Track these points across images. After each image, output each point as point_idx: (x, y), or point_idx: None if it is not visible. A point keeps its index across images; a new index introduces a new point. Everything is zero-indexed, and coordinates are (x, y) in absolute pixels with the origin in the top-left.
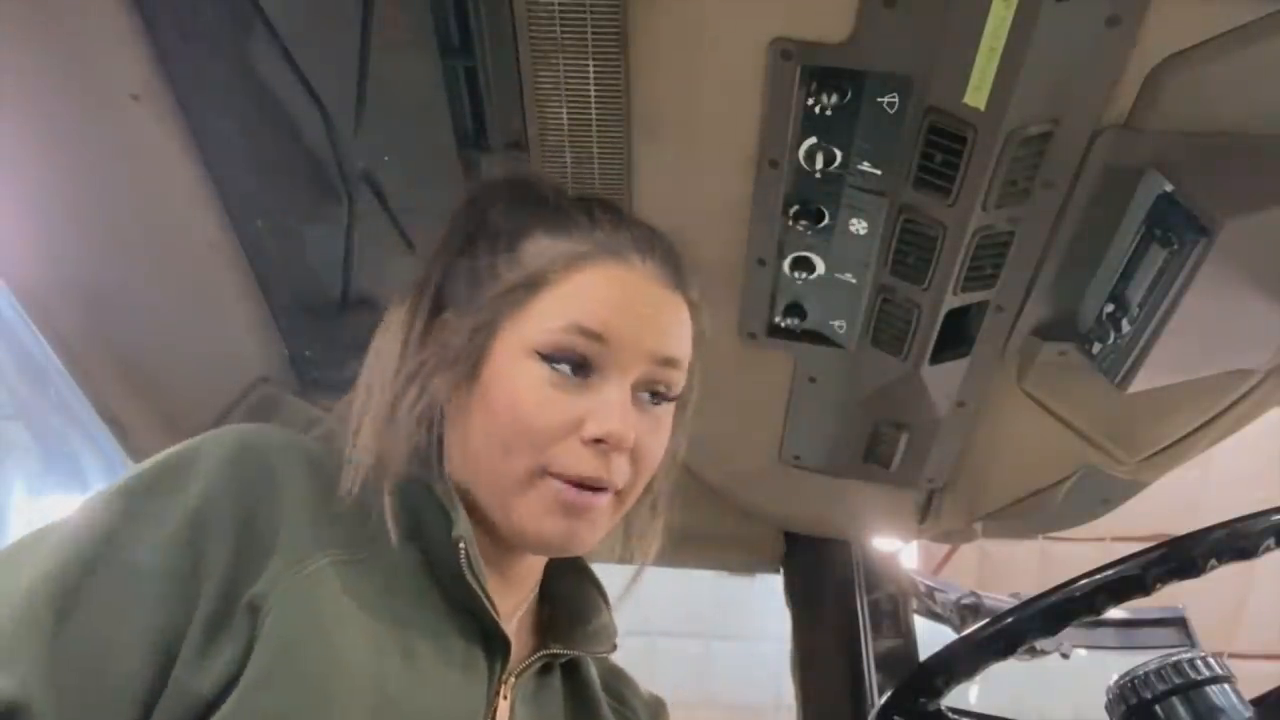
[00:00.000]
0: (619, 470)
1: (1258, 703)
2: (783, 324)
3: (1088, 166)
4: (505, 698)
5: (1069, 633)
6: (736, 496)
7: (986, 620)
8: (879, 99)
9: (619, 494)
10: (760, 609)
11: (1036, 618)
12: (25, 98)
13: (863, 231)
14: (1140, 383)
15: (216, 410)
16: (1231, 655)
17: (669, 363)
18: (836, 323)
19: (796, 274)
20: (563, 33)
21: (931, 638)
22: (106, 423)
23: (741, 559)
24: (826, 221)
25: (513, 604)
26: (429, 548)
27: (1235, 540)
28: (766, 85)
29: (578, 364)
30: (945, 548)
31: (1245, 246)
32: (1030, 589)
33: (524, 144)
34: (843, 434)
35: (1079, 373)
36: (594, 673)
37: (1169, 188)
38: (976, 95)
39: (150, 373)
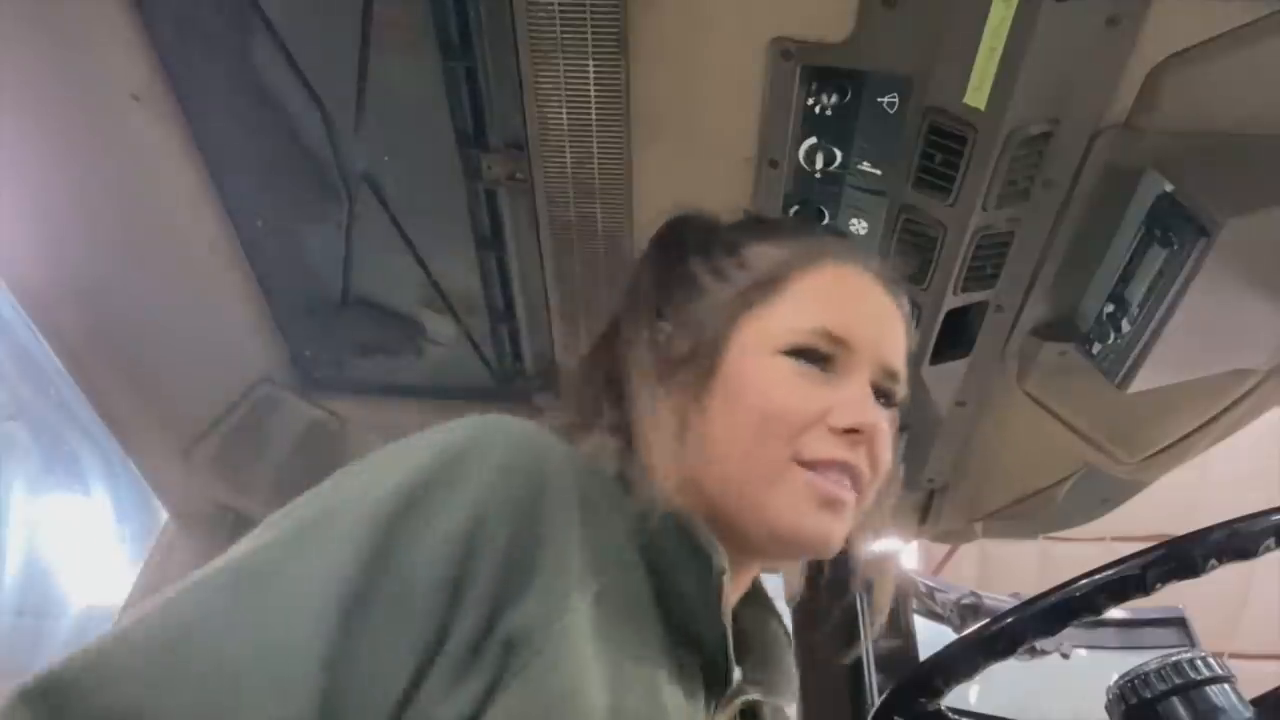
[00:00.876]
0: (863, 460)
1: (1258, 703)
2: None
3: (1088, 166)
4: None
5: (1069, 633)
6: None
7: (986, 620)
8: (879, 99)
9: (858, 491)
10: None
11: (1036, 618)
12: (25, 98)
13: (863, 231)
14: (1140, 383)
15: (216, 410)
16: (1231, 655)
17: (895, 374)
18: None
19: None
20: (563, 33)
21: (931, 638)
22: (106, 423)
23: None
24: (826, 221)
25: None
26: (672, 574)
27: (1235, 540)
28: (766, 85)
29: (823, 361)
30: (945, 548)
31: (1245, 246)
32: (1030, 589)
33: (524, 144)
34: None
35: (1079, 373)
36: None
37: (1169, 188)
38: (976, 95)
39: (150, 373)
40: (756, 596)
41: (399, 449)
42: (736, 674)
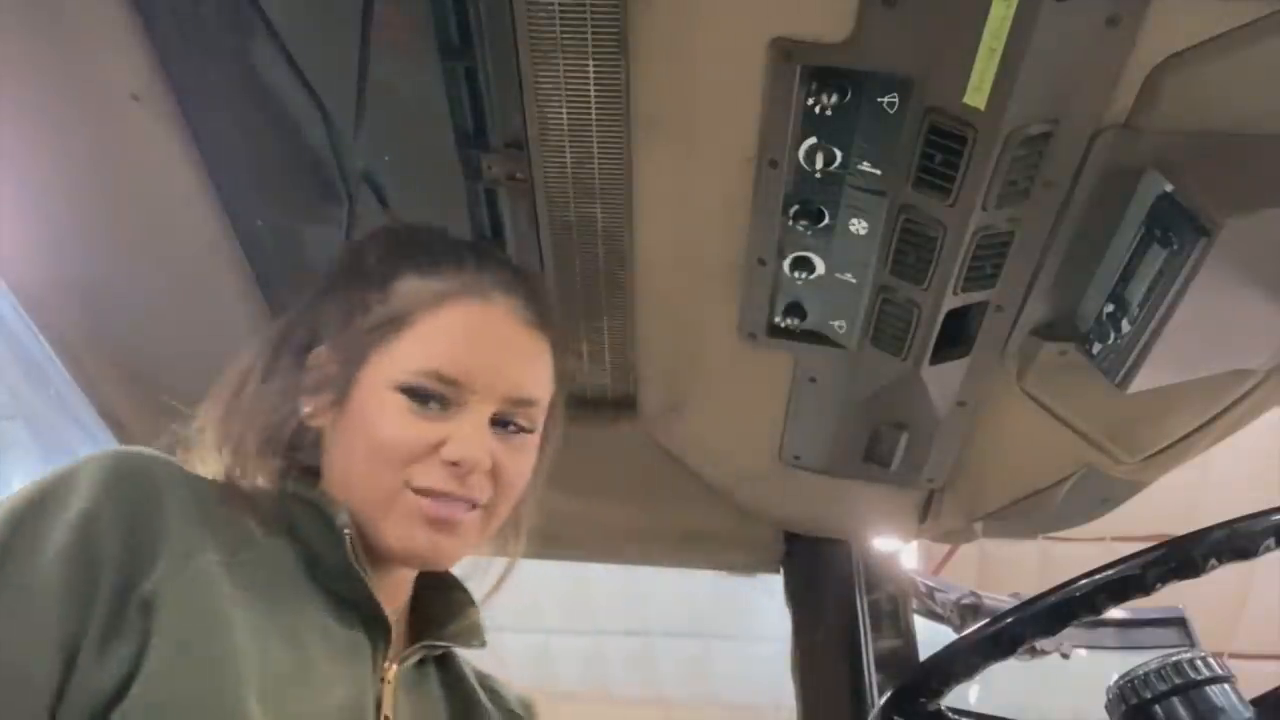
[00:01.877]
0: (479, 487)
1: (1258, 703)
2: (783, 324)
3: (1088, 166)
4: (389, 682)
5: (1069, 633)
6: (736, 496)
7: (986, 620)
8: (879, 99)
9: (486, 510)
10: (760, 609)
11: (1036, 618)
12: (25, 98)
13: (863, 231)
14: (1140, 383)
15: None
16: (1231, 655)
17: (524, 403)
18: (836, 323)
19: (796, 274)
20: (563, 33)
21: (931, 638)
22: (106, 423)
23: (741, 559)
24: (826, 221)
25: (388, 610)
26: (311, 544)
27: (1235, 540)
28: (766, 85)
29: (438, 399)
30: (945, 548)
31: (1245, 246)
32: (1030, 589)
33: (524, 144)
34: (843, 434)
35: (1079, 373)
36: (468, 670)
37: (1169, 188)
38: (976, 95)
39: (150, 373)
40: (445, 580)
41: (18, 490)
42: (399, 633)
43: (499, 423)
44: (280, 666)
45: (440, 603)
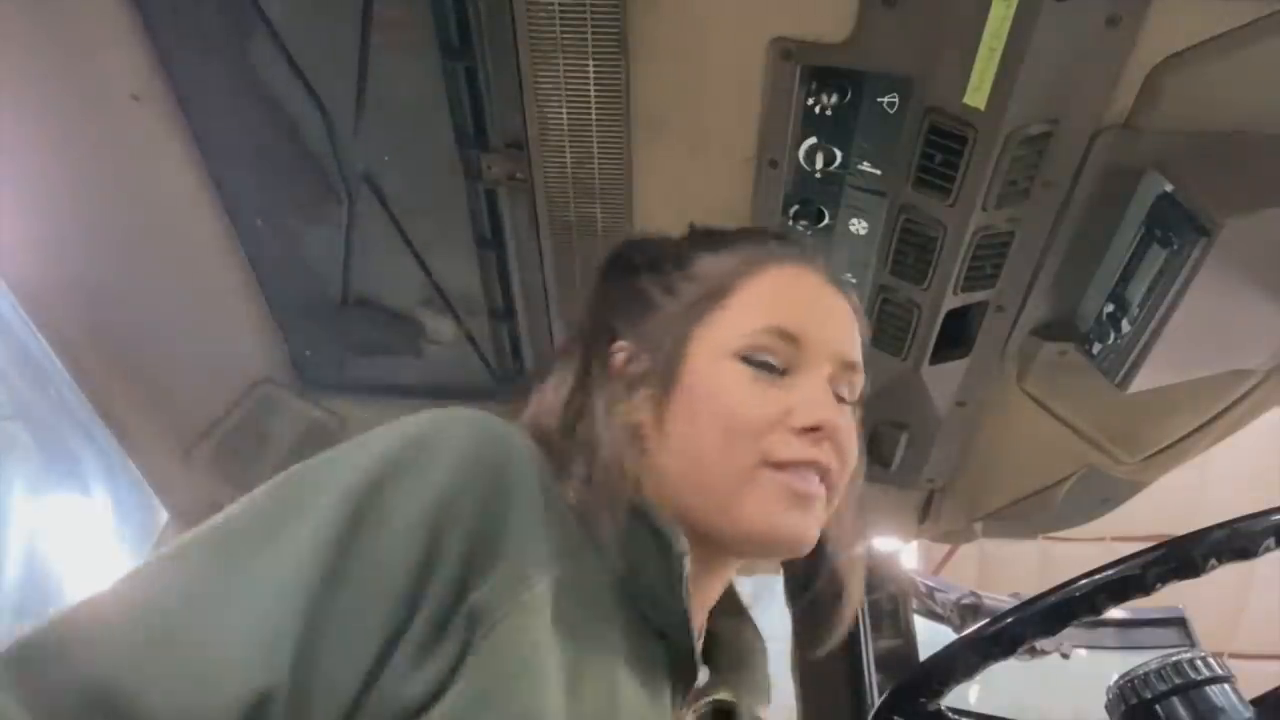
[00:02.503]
0: (830, 456)
1: (1257, 703)
2: None
3: (1088, 166)
4: None
5: (1069, 633)
6: None
7: (986, 620)
8: (879, 99)
9: (829, 487)
10: (760, 609)
11: (1036, 618)
12: (25, 98)
13: (863, 231)
14: (1140, 383)
15: (216, 410)
16: (1231, 655)
17: (852, 367)
18: None
19: None
20: (563, 33)
21: (931, 638)
22: (106, 423)
23: None
24: (826, 221)
25: (696, 631)
26: (636, 567)
27: (1235, 540)
28: (766, 85)
29: (777, 363)
30: (945, 548)
31: (1245, 246)
32: (1030, 589)
33: (524, 144)
34: None
35: (1079, 373)
36: None
37: (1169, 188)
38: (976, 95)
39: (150, 373)
40: (731, 604)
41: (368, 437)
42: (704, 672)
43: (833, 394)
44: (590, 711)
45: (733, 637)
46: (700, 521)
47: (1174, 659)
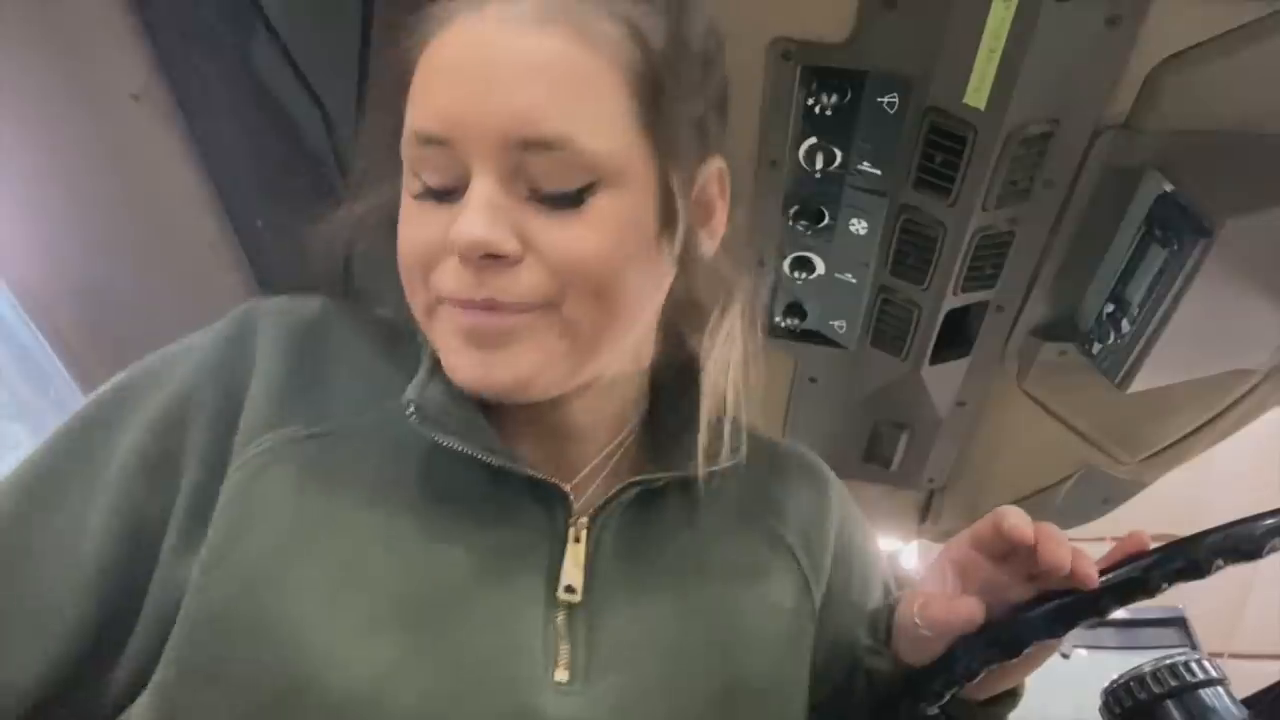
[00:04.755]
0: (513, 285)
1: (1249, 703)
2: (783, 324)
3: (1088, 166)
4: (577, 539)
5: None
6: None
7: (986, 622)
8: (879, 99)
9: (554, 308)
10: None
11: (1040, 621)
12: (25, 98)
13: (863, 231)
14: (1140, 383)
15: None
16: (1231, 655)
17: (538, 145)
18: (836, 323)
19: (796, 274)
20: None
21: None
22: None
23: None
24: (826, 221)
25: (584, 449)
26: (426, 406)
27: (1240, 541)
28: (766, 85)
29: (438, 179)
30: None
31: (1245, 246)
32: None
33: None
34: (843, 434)
35: (1079, 373)
36: (730, 489)
37: (1169, 188)
38: (976, 95)
39: None
40: (690, 383)
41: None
42: (551, 478)
43: (523, 192)
44: (330, 559)
45: (670, 415)
46: None
47: (1167, 662)
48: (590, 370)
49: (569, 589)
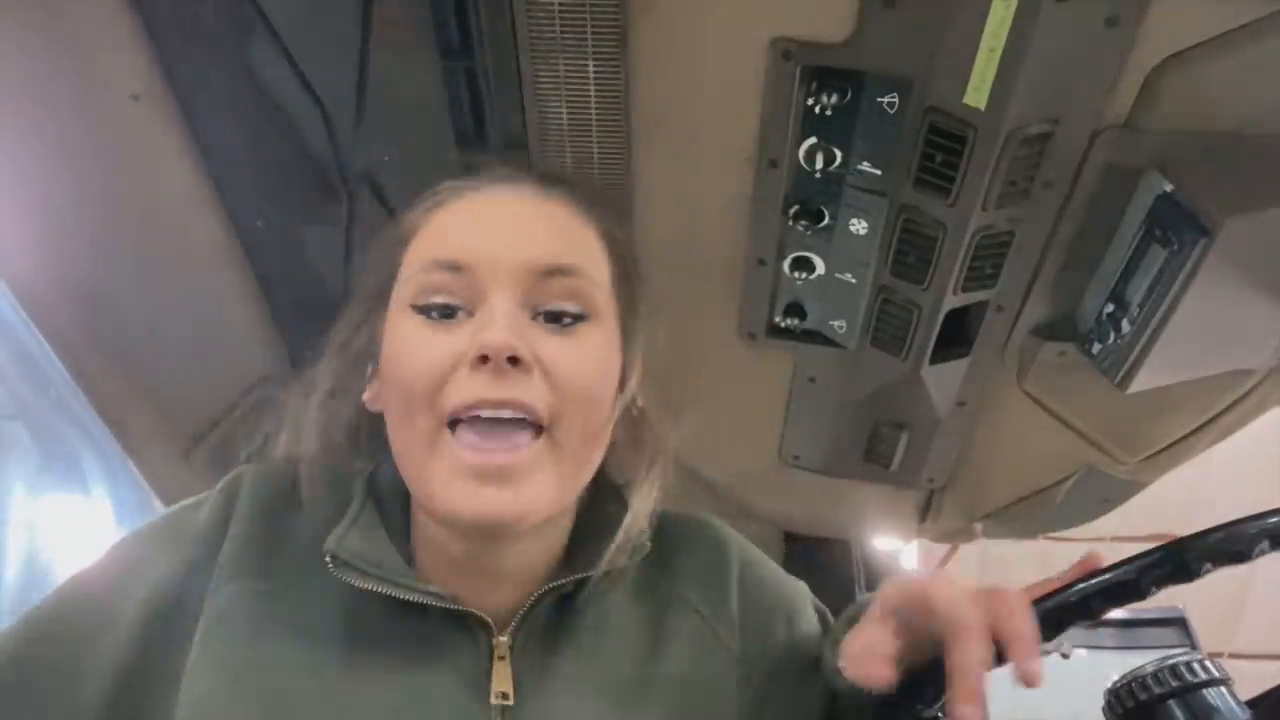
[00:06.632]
0: (528, 390)
1: (1253, 704)
2: (783, 324)
3: (1088, 166)
4: (501, 657)
5: (1069, 633)
6: (736, 496)
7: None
8: (879, 99)
9: (546, 433)
10: None
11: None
12: (25, 98)
13: (863, 231)
14: (1140, 383)
15: (216, 410)
16: (1231, 655)
17: (558, 272)
18: (836, 323)
19: (796, 274)
20: (563, 33)
21: None
22: (106, 423)
23: None
24: (826, 221)
25: (514, 587)
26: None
27: (1230, 543)
28: (766, 85)
29: (449, 304)
30: (945, 548)
31: (1245, 246)
32: None
33: (524, 144)
34: (843, 434)
35: (1079, 373)
36: (630, 568)
37: (1169, 188)
38: (976, 95)
39: (150, 373)
40: (610, 492)
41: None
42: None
43: (536, 315)
44: (257, 697)
45: (587, 522)
46: (421, 505)
47: (1170, 662)
48: (569, 498)
49: (502, 695)
